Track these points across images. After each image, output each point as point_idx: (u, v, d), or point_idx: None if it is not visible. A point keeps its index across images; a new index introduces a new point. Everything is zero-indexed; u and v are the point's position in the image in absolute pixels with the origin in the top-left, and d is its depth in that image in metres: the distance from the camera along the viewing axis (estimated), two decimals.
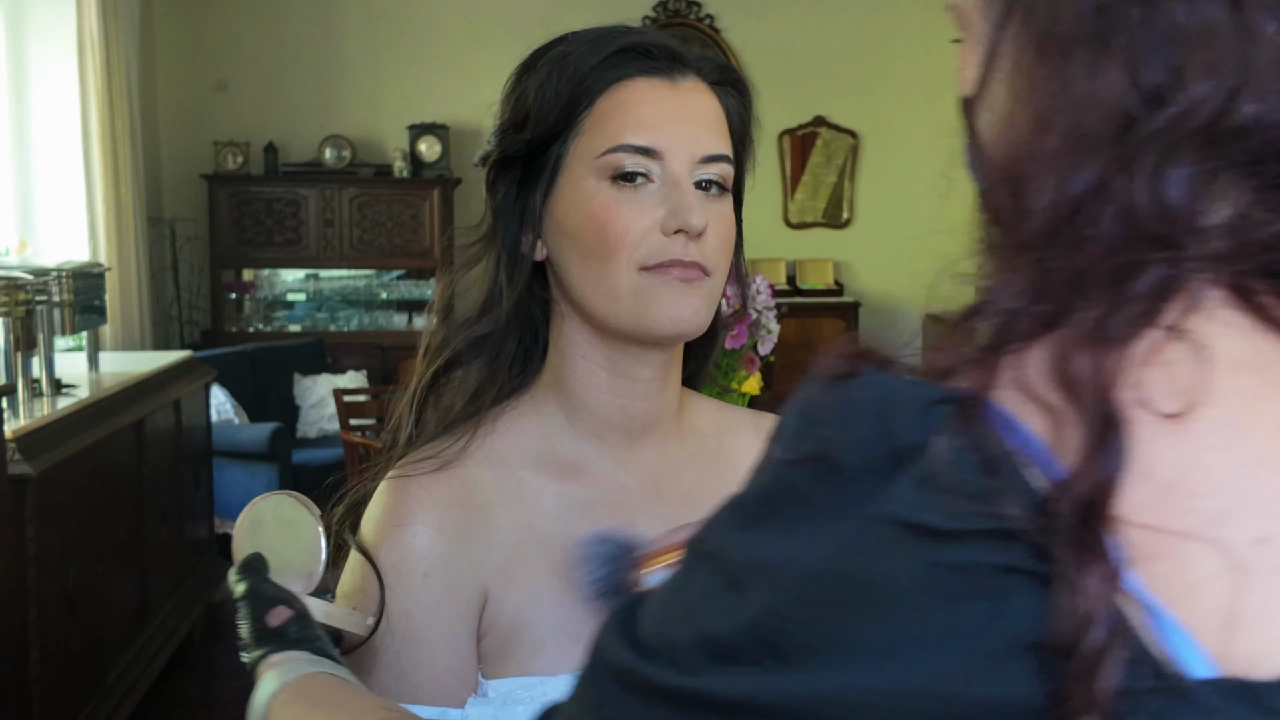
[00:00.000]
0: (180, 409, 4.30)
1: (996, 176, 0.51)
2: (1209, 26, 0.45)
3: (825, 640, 0.43)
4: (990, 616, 0.41)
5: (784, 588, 0.44)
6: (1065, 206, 0.46)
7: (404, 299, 7.08)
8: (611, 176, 0.92)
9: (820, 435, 0.46)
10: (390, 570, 0.91)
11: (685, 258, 0.91)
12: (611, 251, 0.91)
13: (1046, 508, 0.42)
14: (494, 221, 0.97)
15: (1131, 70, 0.46)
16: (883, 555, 0.43)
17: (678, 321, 0.91)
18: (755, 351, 2.87)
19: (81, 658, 3.19)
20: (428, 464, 0.95)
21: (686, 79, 0.95)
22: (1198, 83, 0.45)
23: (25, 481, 2.83)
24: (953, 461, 0.43)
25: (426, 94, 7.07)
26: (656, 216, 0.91)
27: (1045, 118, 0.48)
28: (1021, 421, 0.44)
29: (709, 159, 0.93)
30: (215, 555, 4.81)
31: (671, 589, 0.50)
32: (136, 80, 5.86)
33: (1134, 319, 0.44)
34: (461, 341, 0.97)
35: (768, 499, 0.47)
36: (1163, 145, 0.45)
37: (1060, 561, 0.41)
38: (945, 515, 0.42)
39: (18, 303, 3.25)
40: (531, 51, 0.98)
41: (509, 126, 0.96)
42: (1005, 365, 0.45)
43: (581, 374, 0.97)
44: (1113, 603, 0.40)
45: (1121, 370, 0.43)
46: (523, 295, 0.97)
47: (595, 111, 0.93)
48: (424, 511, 0.92)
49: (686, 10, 7.49)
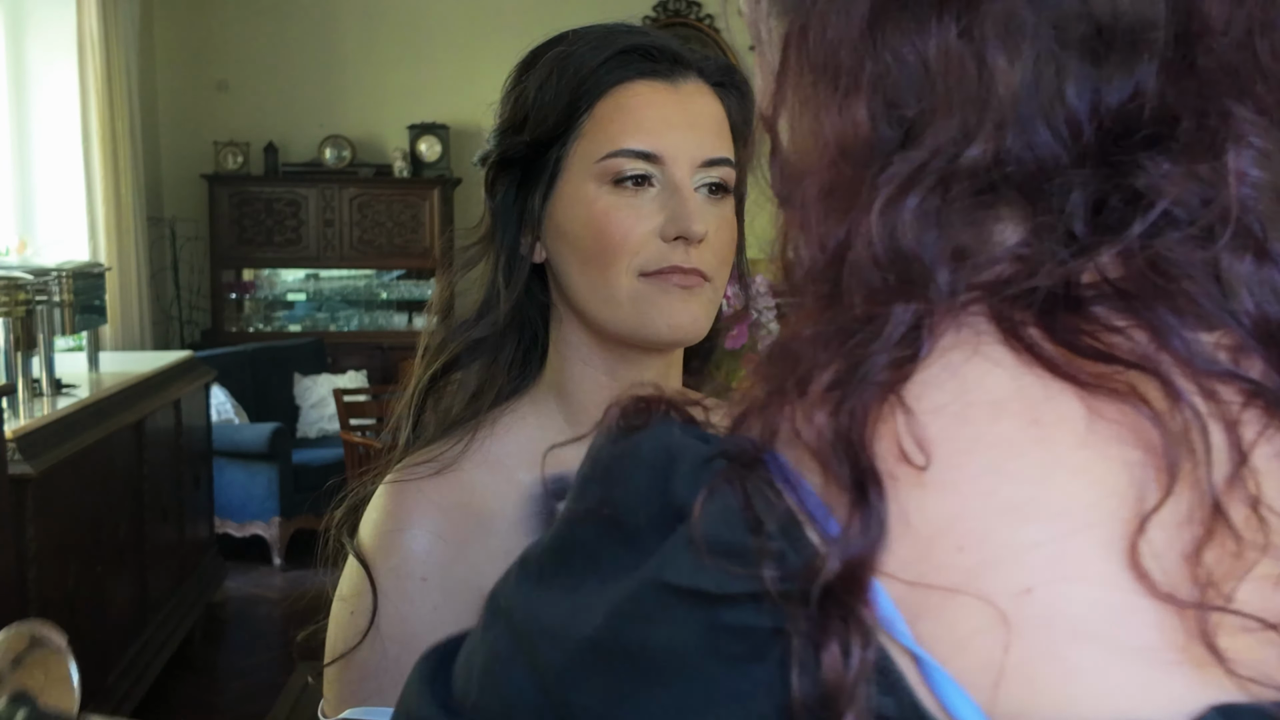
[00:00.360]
0: (180, 409, 4.30)
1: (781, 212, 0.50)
2: (950, 63, 0.44)
3: (611, 711, 0.42)
4: (771, 679, 0.40)
5: (569, 653, 0.43)
6: (827, 252, 0.45)
7: (404, 299, 7.08)
8: (612, 181, 0.91)
9: (604, 491, 0.45)
10: (388, 574, 0.91)
11: (685, 264, 0.90)
12: (611, 257, 0.90)
13: (811, 568, 0.40)
14: (493, 223, 0.97)
15: (877, 108, 0.45)
16: (662, 620, 0.41)
17: (677, 329, 0.91)
18: (756, 351, 2.86)
19: (81, 658, 3.18)
20: (426, 467, 0.94)
21: (688, 81, 0.94)
22: (943, 120, 0.44)
23: (25, 481, 2.83)
24: (719, 521, 0.41)
25: (426, 94, 7.06)
26: (656, 222, 0.91)
27: (807, 156, 0.47)
28: (802, 476, 0.42)
29: (710, 162, 0.93)
30: (215, 555, 4.82)
31: (475, 644, 0.48)
32: (136, 80, 5.86)
33: (889, 366, 0.42)
34: (460, 344, 0.96)
35: (557, 554, 0.46)
36: (907, 184, 0.44)
37: (809, 625, 0.39)
38: (714, 578, 0.40)
39: (18, 303, 3.25)
40: (531, 50, 0.97)
41: (509, 127, 0.96)
42: (788, 415, 0.43)
43: (580, 377, 0.96)
44: (864, 663, 0.39)
45: (875, 423, 0.42)
46: (521, 297, 0.96)
47: (595, 114, 0.92)
48: (422, 515, 0.92)
49: (687, 10, 7.49)
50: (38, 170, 5.33)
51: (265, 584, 5.25)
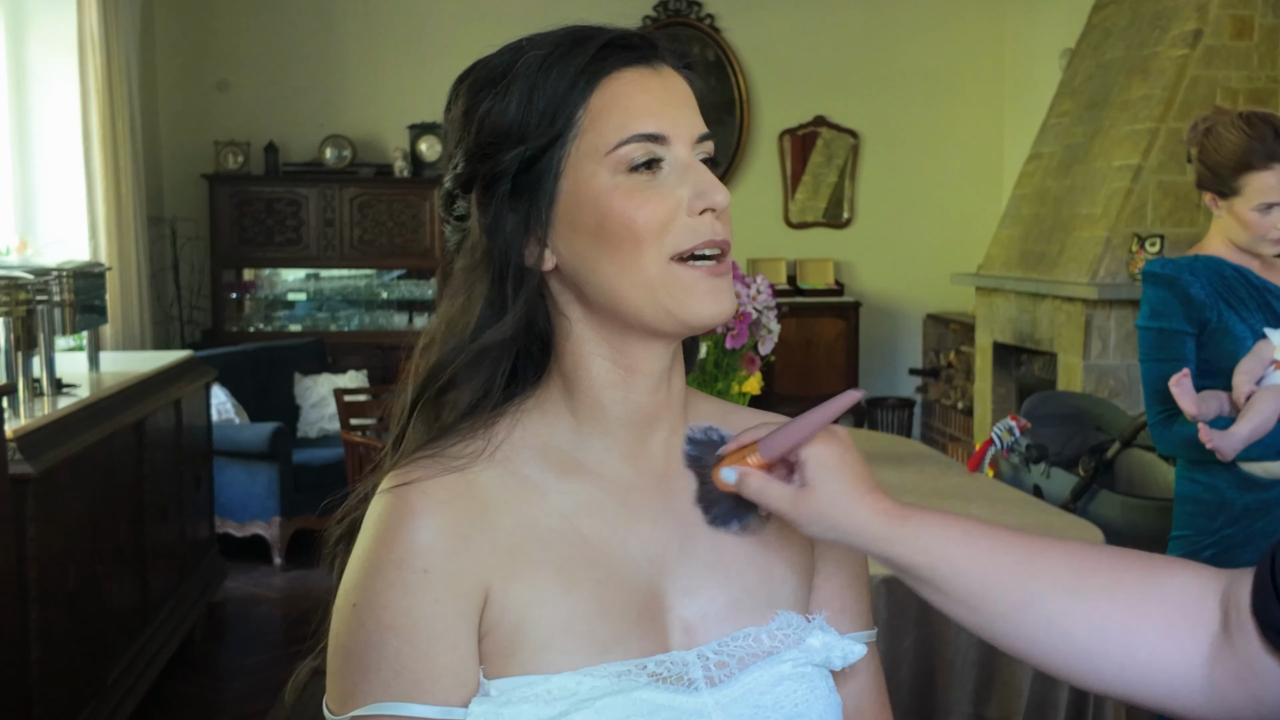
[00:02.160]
0: (181, 409, 4.30)
1: None
2: None
3: None
4: None
5: None
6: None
7: (404, 299, 7.08)
8: (626, 169, 0.92)
9: None
10: (390, 567, 0.91)
11: (718, 236, 0.93)
12: (641, 240, 0.91)
13: None
14: (489, 240, 0.95)
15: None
16: None
17: (719, 315, 0.93)
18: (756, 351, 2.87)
19: (82, 657, 3.19)
20: (430, 465, 0.94)
21: (664, 66, 0.96)
22: None
23: (25, 481, 2.83)
24: None
25: (427, 93, 7.06)
26: (680, 198, 0.92)
27: None
28: None
29: (703, 138, 0.95)
30: (216, 555, 4.82)
31: None
32: (137, 80, 5.86)
33: None
34: (464, 359, 0.95)
35: None
36: None
37: None
38: None
39: (18, 302, 3.25)
40: (482, 64, 0.97)
41: (491, 143, 0.94)
42: None
43: (598, 374, 0.96)
44: None
45: None
46: (527, 309, 0.96)
47: (592, 109, 0.93)
48: (425, 508, 0.92)
49: (687, 10, 7.48)
50: (38, 170, 5.33)
51: (266, 584, 5.25)
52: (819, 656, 0.99)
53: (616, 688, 0.89)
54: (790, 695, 0.95)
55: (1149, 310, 2.50)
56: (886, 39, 7.61)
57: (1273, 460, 2.36)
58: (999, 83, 7.67)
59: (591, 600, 0.93)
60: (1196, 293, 2.43)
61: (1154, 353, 2.48)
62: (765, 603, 0.99)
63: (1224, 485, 2.43)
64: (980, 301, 6.55)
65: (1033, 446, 4.51)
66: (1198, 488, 2.47)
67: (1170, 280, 2.46)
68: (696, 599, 0.97)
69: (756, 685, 0.94)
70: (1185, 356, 2.43)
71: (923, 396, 7.75)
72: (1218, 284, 2.44)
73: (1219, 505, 2.44)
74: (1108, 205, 5.38)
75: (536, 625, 0.91)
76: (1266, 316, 2.43)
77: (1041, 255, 5.88)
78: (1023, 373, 6.36)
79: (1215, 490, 2.44)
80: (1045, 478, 4.55)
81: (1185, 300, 2.43)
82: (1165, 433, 2.48)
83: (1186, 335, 2.44)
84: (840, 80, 7.61)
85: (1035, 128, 6.54)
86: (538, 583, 0.92)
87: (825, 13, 7.56)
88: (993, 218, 7.14)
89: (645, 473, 0.99)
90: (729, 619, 0.97)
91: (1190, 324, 2.43)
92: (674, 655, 0.94)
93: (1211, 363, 2.43)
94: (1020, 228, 6.26)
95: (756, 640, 0.97)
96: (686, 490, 1.00)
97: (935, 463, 3.65)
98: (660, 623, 0.95)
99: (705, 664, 0.94)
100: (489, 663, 0.91)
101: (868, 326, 7.63)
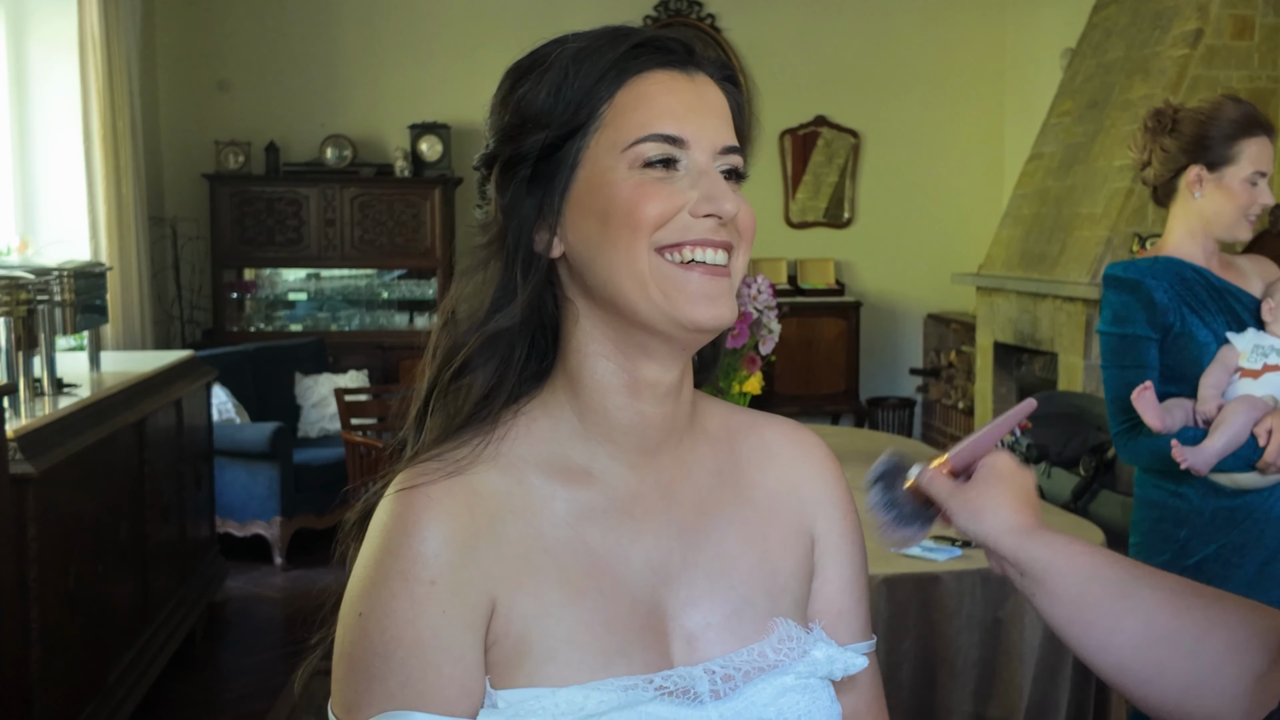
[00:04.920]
0: (181, 408, 4.30)
1: None
2: None
3: None
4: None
5: None
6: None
7: (405, 298, 7.08)
8: (641, 165, 0.92)
9: None
10: (396, 577, 0.90)
11: (713, 237, 0.92)
12: (638, 230, 0.91)
13: None
14: (505, 221, 0.96)
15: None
16: None
17: (711, 320, 0.92)
18: (756, 351, 2.87)
19: (82, 657, 3.19)
20: (436, 470, 0.94)
21: (700, 73, 0.96)
22: None
23: (26, 481, 2.83)
24: None
25: (427, 93, 7.07)
26: (688, 199, 0.92)
27: None
28: None
29: (727, 149, 0.95)
30: (216, 554, 4.82)
31: None
32: (138, 80, 5.86)
33: None
34: (476, 342, 0.96)
35: None
36: None
37: None
38: None
39: (19, 302, 3.25)
40: (529, 53, 0.98)
41: (518, 126, 0.95)
42: None
43: (601, 375, 0.96)
44: None
45: None
46: (534, 295, 0.96)
47: (616, 104, 0.93)
48: (431, 518, 0.91)
49: (688, 9, 7.49)
50: (39, 170, 5.33)
51: (266, 583, 5.25)
52: (822, 669, 0.99)
53: (624, 701, 0.89)
54: (793, 707, 0.96)
55: (1111, 315, 2.42)
56: (887, 39, 7.61)
57: (1242, 472, 2.31)
58: (1000, 83, 7.67)
59: (596, 611, 0.92)
60: (1160, 297, 2.36)
61: (1116, 359, 2.41)
62: (767, 613, 0.99)
63: (1191, 492, 2.37)
64: (981, 301, 6.55)
65: (1033, 446, 4.51)
66: (1163, 493, 2.42)
67: (1133, 284, 2.39)
68: (699, 609, 0.97)
69: (760, 698, 0.95)
70: (1148, 363, 2.37)
71: (923, 396, 7.75)
72: (1179, 287, 2.38)
73: (1186, 513, 2.38)
74: (1108, 205, 5.38)
75: (542, 636, 0.91)
76: (1228, 320, 2.37)
77: (1042, 255, 5.88)
78: (1023, 373, 6.36)
79: (1182, 496, 2.38)
80: (1046, 477, 4.55)
81: (1148, 305, 2.37)
82: (1130, 444, 2.41)
83: (1150, 341, 2.37)
84: (841, 80, 7.61)
85: (1036, 127, 6.54)
86: (543, 594, 0.92)
87: (825, 13, 7.56)
88: (993, 217, 7.14)
89: (651, 482, 0.98)
90: (731, 629, 0.97)
91: (1154, 329, 2.37)
92: (680, 671, 0.94)
93: (1175, 369, 2.38)
94: (1021, 227, 6.26)
95: (761, 655, 0.97)
96: (694, 499, 1.00)
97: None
98: (662, 633, 0.95)
99: (711, 678, 0.94)
100: (495, 673, 0.91)
101: (868, 326, 7.63)
